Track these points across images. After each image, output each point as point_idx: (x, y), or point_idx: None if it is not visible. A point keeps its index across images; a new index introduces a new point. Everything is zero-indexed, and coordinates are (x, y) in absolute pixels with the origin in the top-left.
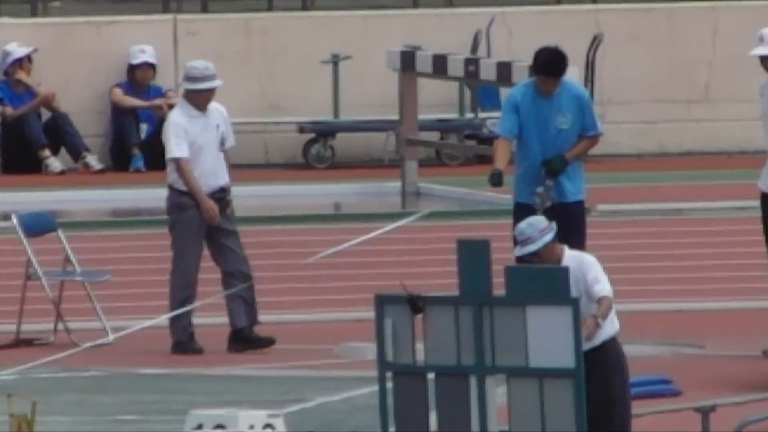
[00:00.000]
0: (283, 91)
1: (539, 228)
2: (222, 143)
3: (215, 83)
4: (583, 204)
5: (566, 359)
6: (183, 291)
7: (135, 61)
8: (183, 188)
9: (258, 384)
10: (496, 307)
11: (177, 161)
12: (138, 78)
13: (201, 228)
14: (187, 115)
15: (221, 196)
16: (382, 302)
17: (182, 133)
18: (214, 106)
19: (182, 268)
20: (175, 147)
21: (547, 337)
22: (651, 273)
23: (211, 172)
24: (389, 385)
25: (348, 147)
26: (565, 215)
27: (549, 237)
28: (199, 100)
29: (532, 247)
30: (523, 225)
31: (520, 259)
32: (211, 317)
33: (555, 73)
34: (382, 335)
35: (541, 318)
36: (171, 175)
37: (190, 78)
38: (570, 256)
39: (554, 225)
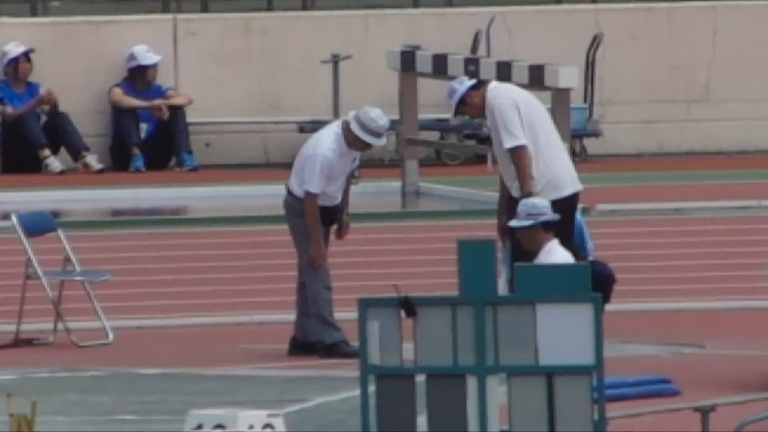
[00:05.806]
0: (283, 90)
1: (537, 207)
2: (352, 174)
3: (383, 141)
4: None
5: (584, 356)
6: (326, 292)
7: (147, 62)
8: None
9: (258, 384)
10: (500, 306)
11: (309, 195)
12: (149, 78)
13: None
14: (340, 152)
15: (338, 209)
16: (365, 305)
17: (327, 170)
18: None
19: (319, 270)
20: (317, 183)
21: (562, 335)
22: (651, 273)
23: (333, 195)
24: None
25: None
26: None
27: (530, 222)
28: (359, 147)
29: (523, 223)
30: (529, 200)
31: (512, 230)
32: (211, 317)
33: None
34: (365, 338)
35: (554, 316)
36: (298, 189)
37: (368, 130)
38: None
39: (554, 216)
